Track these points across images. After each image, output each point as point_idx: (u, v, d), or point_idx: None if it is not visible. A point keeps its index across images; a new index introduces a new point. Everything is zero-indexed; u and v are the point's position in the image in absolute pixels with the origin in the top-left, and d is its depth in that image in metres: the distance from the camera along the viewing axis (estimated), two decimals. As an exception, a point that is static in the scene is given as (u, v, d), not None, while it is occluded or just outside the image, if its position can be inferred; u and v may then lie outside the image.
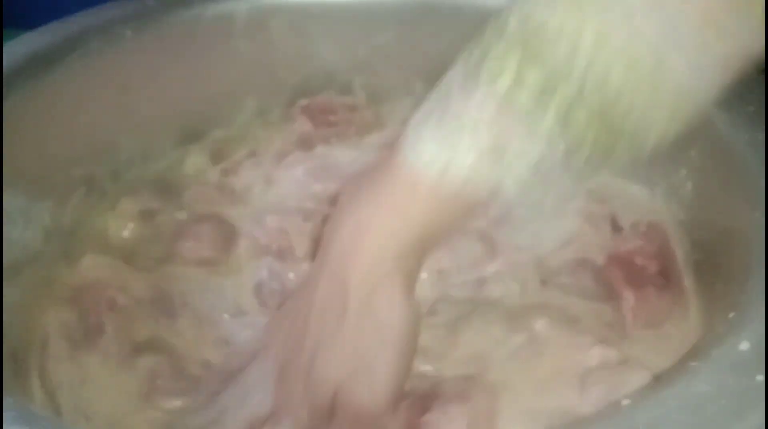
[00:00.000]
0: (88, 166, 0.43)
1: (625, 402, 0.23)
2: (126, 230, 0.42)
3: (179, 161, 0.47)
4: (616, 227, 0.40)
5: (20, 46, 0.40)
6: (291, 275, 0.39)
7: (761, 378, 0.22)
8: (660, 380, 0.24)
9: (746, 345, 0.23)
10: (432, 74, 0.48)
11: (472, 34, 0.46)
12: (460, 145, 0.28)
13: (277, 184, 0.44)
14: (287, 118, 0.49)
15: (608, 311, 0.35)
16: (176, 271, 0.39)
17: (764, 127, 0.34)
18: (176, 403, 0.33)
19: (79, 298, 0.37)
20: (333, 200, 0.40)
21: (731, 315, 0.25)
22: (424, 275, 0.34)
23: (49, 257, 0.40)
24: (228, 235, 0.41)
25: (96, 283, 0.38)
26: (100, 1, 0.44)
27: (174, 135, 0.47)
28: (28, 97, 0.39)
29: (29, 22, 0.42)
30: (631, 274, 0.36)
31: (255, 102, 0.50)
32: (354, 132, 0.48)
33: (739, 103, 0.35)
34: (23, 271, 0.38)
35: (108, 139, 0.44)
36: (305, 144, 0.47)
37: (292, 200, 0.43)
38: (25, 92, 0.39)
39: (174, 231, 0.41)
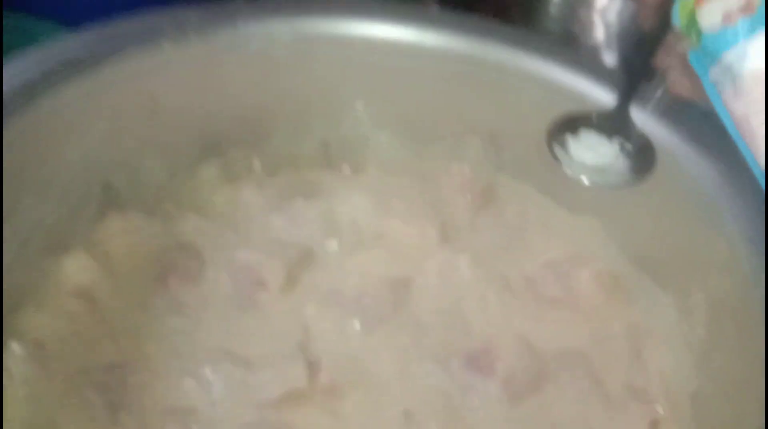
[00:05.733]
0: (108, 174, 0.43)
1: None
2: (112, 243, 0.42)
3: (189, 177, 0.47)
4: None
5: (56, 49, 0.40)
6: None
7: None
8: None
9: None
10: (465, 126, 0.49)
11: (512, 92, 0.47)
12: None
13: (268, 226, 0.44)
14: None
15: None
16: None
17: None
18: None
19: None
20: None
21: None
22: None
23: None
24: (199, 269, 0.41)
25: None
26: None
27: (195, 151, 0.47)
28: (57, 101, 0.39)
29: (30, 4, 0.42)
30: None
31: (279, 129, 0.49)
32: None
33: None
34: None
35: (131, 149, 0.44)
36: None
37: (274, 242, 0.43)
38: (55, 97, 0.38)
39: (157, 254, 0.41)
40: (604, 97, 0.42)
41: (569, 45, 0.61)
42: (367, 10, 0.47)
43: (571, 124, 0.40)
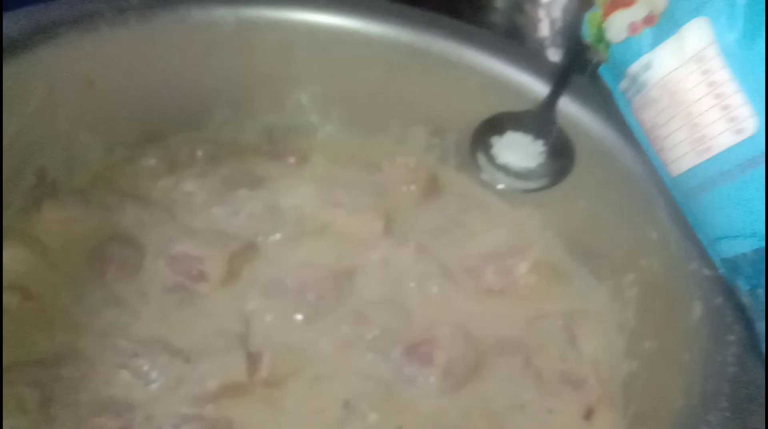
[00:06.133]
0: (41, 157, 0.42)
1: None
2: (48, 233, 0.41)
3: (129, 164, 0.46)
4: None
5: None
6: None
7: None
8: None
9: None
10: (410, 117, 0.49)
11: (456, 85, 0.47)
12: None
13: (210, 217, 0.44)
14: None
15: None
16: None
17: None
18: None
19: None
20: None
21: None
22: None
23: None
24: (138, 260, 0.40)
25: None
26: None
27: (135, 137, 0.46)
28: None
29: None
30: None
31: (222, 115, 0.49)
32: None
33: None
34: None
35: (66, 132, 0.43)
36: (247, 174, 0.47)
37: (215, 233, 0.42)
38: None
39: (95, 245, 0.41)
40: (544, 92, 0.43)
41: (513, 39, 0.62)
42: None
43: (498, 125, 0.41)
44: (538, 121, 0.38)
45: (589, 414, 0.37)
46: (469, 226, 0.46)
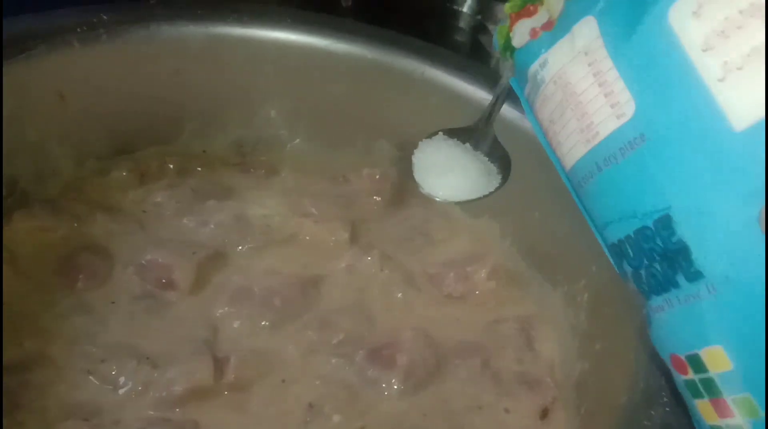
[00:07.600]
0: (12, 167, 0.43)
1: None
2: (18, 242, 0.41)
3: (99, 175, 0.47)
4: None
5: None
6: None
7: None
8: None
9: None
10: (375, 131, 0.51)
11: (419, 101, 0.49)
12: None
13: (179, 227, 0.45)
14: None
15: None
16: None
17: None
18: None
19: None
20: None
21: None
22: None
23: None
24: (108, 269, 0.41)
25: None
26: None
27: (106, 149, 0.47)
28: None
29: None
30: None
31: (193, 129, 0.50)
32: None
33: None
34: None
35: (37, 144, 0.44)
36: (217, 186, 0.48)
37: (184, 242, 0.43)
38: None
39: (65, 255, 0.41)
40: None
41: (478, 58, 0.65)
42: (279, 17, 0.49)
43: None
44: (478, 135, 0.40)
45: (545, 414, 0.39)
46: (432, 235, 0.48)
